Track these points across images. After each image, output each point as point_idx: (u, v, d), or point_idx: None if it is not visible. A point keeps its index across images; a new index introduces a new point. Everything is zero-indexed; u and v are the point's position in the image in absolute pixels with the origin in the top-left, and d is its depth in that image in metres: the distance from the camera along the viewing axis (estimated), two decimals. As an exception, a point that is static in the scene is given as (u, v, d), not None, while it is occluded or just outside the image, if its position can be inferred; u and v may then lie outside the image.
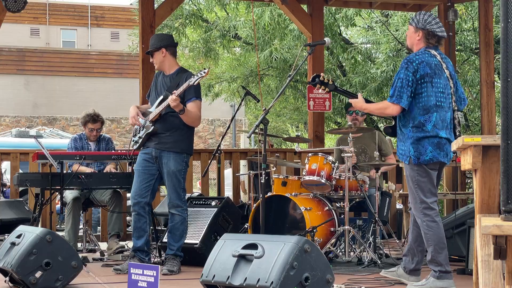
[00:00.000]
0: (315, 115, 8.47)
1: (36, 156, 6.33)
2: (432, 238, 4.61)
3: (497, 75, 11.06)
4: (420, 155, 4.63)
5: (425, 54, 4.69)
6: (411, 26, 4.79)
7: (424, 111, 4.65)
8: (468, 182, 10.24)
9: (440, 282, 4.58)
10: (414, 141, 4.65)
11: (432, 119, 4.64)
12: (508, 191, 2.70)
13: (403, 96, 4.62)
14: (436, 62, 4.70)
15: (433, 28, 4.70)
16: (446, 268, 4.60)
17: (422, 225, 4.66)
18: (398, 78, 4.66)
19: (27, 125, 23.64)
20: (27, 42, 27.30)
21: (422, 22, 4.72)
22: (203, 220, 6.26)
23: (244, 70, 14.61)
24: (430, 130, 4.63)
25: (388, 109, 4.73)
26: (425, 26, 4.71)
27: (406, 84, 4.62)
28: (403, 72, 4.64)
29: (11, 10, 7.01)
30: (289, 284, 3.54)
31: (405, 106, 4.64)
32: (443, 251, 4.62)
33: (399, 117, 4.78)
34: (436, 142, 4.64)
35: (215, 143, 25.14)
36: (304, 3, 8.90)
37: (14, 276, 4.67)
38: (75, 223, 6.81)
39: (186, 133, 5.73)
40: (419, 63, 4.64)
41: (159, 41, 5.78)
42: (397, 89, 4.64)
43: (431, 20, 4.73)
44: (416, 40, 4.76)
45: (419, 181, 4.66)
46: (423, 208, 4.65)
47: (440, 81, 4.70)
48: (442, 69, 4.72)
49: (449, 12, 8.80)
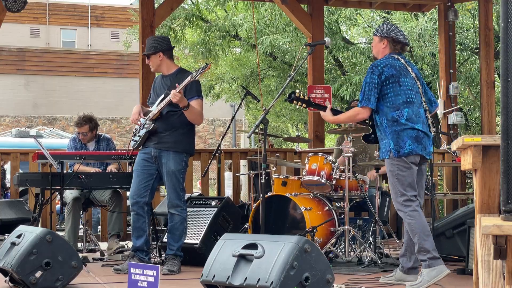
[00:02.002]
0: (315, 115, 8.46)
1: (36, 156, 6.33)
2: (416, 226, 4.74)
3: (497, 75, 11.06)
4: (400, 148, 4.80)
5: (389, 58, 4.98)
6: (376, 36, 5.09)
7: (394, 108, 4.86)
8: (468, 182, 10.24)
9: (433, 271, 4.65)
10: (393, 135, 4.83)
11: (404, 114, 4.84)
12: (508, 191, 2.70)
13: (371, 98, 4.88)
14: (400, 64, 4.98)
15: (397, 36, 5.02)
16: (434, 254, 4.69)
17: (404, 217, 4.80)
18: (365, 83, 4.93)
19: (27, 125, 23.63)
20: (27, 42, 27.30)
21: (386, 31, 5.03)
22: (203, 220, 6.26)
23: (245, 71, 14.62)
24: (404, 123, 4.82)
25: (359, 115, 4.98)
26: (389, 34, 5.02)
27: (372, 87, 4.88)
28: (369, 76, 4.91)
29: (11, 10, 7.01)
30: (289, 284, 3.54)
31: (373, 106, 4.88)
32: (429, 238, 4.73)
33: (374, 118, 4.99)
34: (415, 136, 4.82)
35: (215, 143, 25.14)
36: (304, 3, 8.90)
37: (14, 276, 4.67)
38: (75, 223, 6.81)
39: (186, 132, 5.73)
40: (384, 66, 4.90)
41: (156, 44, 5.76)
42: (365, 93, 4.90)
43: (394, 28, 5.06)
44: (381, 49, 5.05)
45: (399, 175, 4.82)
46: (403, 201, 4.80)
47: (407, 80, 4.94)
48: (407, 70, 4.99)
49: (449, 12, 8.80)
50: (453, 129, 8.78)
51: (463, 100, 13.33)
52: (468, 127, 13.29)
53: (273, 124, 20.04)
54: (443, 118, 8.72)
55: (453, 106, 8.76)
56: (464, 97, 13.42)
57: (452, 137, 8.46)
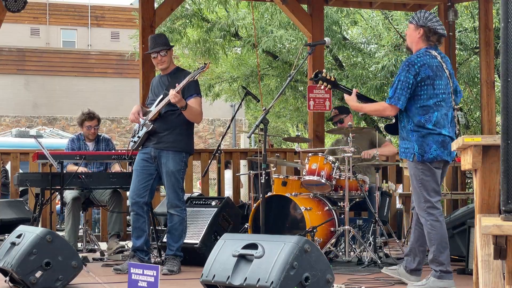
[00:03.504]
0: (315, 115, 8.47)
1: (36, 156, 6.33)
2: (435, 237, 4.61)
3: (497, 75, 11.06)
4: (424, 153, 4.63)
5: (426, 56, 4.68)
6: (411, 24, 4.76)
7: (423, 111, 4.65)
8: (468, 182, 10.23)
9: (441, 282, 4.57)
10: (418, 138, 4.65)
11: (433, 118, 4.65)
12: (508, 191, 2.69)
13: (401, 98, 4.63)
14: (437, 64, 4.70)
15: (434, 26, 4.68)
16: (447, 268, 4.60)
17: (425, 224, 4.65)
18: (398, 80, 4.66)
19: (27, 125, 23.63)
20: (27, 42, 27.29)
21: (423, 20, 4.69)
22: (203, 220, 6.26)
23: (245, 70, 14.61)
24: (432, 128, 4.64)
25: (386, 111, 4.76)
26: (426, 23, 4.68)
27: (406, 87, 4.63)
28: (404, 74, 4.63)
29: (11, 10, 7.01)
30: (289, 284, 3.54)
31: (401, 107, 4.66)
32: (445, 250, 4.62)
33: (400, 117, 4.78)
34: (441, 141, 4.64)
35: (215, 143, 25.13)
36: (304, 3, 8.89)
37: (14, 276, 4.67)
38: (75, 223, 6.81)
39: (185, 132, 5.73)
40: (421, 66, 4.63)
41: (168, 40, 5.82)
42: (397, 91, 4.65)
43: (432, 17, 4.71)
44: (416, 38, 4.73)
45: (423, 180, 4.65)
46: (427, 207, 4.64)
47: (441, 82, 4.70)
48: (442, 69, 4.72)
49: (449, 12, 8.80)
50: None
51: (463, 100, 13.33)
52: (468, 127, 13.29)
53: (273, 124, 20.03)
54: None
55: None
56: (464, 97, 13.42)
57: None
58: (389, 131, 5.10)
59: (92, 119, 7.20)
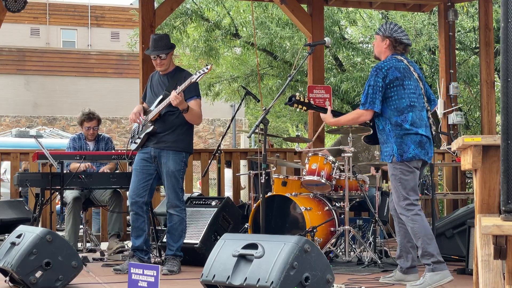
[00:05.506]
0: (315, 115, 8.46)
1: (36, 156, 6.33)
2: (419, 230, 4.73)
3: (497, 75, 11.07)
4: (403, 153, 4.80)
5: (392, 60, 4.93)
6: (378, 35, 5.04)
7: (398, 112, 4.84)
8: (468, 182, 10.23)
9: (437, 275, 4.64)
10: (397, 139, 4.82)
11: (408, 118, 4.83)
12: (508, 191, 2.70)
13: (376, 101, 4.84)
14: (404, 66, 4.93)
15: (399, 36, 4.97)
16: (439, 258, 4.69)
17: (407, 220, 4.80)
18: (368, 85, 4.88)
19: (27, 125, 23.63)
20: (27, 42, 27.29)
21: (388, 31, 4.97)
22: (203, 220, 6.26)
23: (245, 69, 14.61)
24: (409, 128, 4.81)
25: (362, 117, 4.96)
26: (392, 34, 4.96)
27: (377, 90, 4.84)
28: (373, 79, 4.86)
29: (11, 10, 7.01)
30: (289, 284, 3.54)
31: (378, 110, 4.85)
32: (432, 241, 4.72)
33: (377, 122, 4.97)
34: (418, 141, 4.82)
35: (215, 143, 25.12)
36: (304, 3, 8.89)
37: (14, 276, 4.67)
38: (75, 223, 6.81)
39: (185, 131, 5.73)
40: (388, 69, 4.86)
41: (170, 41, 5.80)
42: (369, 95, 4.85)
43: (397, 28, 5.00)
44: (383, 48, 5.00)
45: (402, 179, 4.81)
46: (406, 205, 4.80)
47: (411, 83, 4.91)
48: (410, 72, 4.95)
49: (449, 12, 8.80)
50: (453, 129, 8.78)
51: (463, 100, 13.33)
52: (468, 127, 13.29)
53: (273, 124, 20.03)
54: (443, 118, 8.71)
55: (453, 106, 8.76)
56: (464, 97, 13.42)
57: (452, 137, 8.46)
58: (370, 143, 5.27)
59: (91, 120, 7.20)
